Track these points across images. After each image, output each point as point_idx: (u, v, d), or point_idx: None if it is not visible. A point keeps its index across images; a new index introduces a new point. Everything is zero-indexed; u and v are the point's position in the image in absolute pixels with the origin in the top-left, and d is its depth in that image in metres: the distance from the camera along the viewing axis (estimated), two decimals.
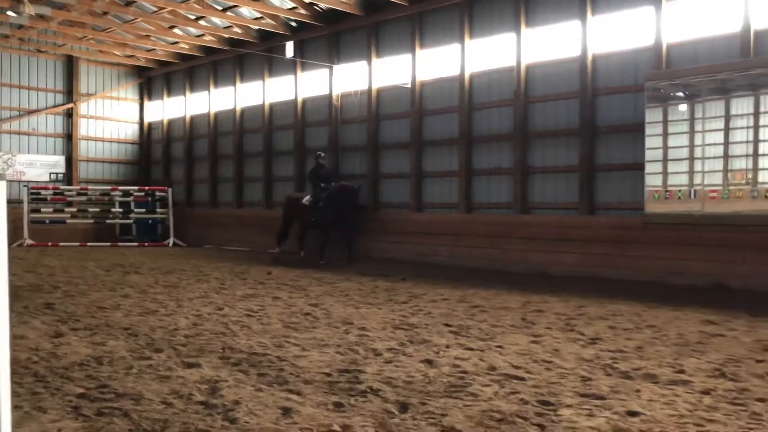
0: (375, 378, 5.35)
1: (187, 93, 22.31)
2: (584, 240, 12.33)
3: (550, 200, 13.41)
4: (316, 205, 15.08)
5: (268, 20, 17.49)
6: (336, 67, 17.34)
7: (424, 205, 15.64)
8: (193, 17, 18.04)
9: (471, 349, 6.48)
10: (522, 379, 5.40)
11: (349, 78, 17.23)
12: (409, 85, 15.67)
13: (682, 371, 5.65)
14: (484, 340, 6.93)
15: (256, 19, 17.70)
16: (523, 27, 13.50)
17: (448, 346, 6.57)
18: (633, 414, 4.51)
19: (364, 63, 16.71)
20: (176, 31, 19.45)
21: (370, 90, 16.55)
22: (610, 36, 12.45)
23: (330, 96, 17.51)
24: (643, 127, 11.59)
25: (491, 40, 14.24)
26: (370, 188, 16.58)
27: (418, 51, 15.47)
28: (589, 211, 12.62)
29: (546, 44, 13.38)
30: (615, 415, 4.50)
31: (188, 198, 22.55)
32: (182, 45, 20.59)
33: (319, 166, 15.95)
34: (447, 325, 7.72)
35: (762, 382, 5.34)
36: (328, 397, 4.86)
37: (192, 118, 22.39)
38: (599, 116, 12.59)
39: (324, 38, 17.58)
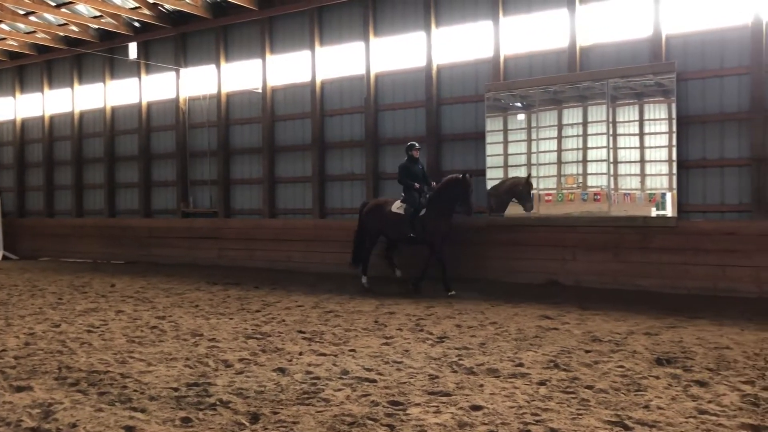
0: (225, 390, 5.24)
1: (17, 94, 20.58)
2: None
3: None
4: (416, 214, 11.08)
5: (109, 19, 16.56)
6: (183, 71, 16.76)
7: (278, 211, 15.51)
8: (22, 12, 16.66)
9: (324, 354, 6.52)
10: (373, 381, 5.51)
11: (197, 81, 16.72)
12: (260, 90, 15.48)
13: (521, 364, 6.03)
14: (338, 344, 6.99)
15: (95, 17, 16.69)
16: (371, 36, 13.78)
17: (301, 353, 6.56)
18: (476, 408, 4.75)
19: (212, 67, 16.29)
20: (3, 26, 17.88)
21: (219, 94, 16.16)
22: (453, 48, 13.02)
23: (177, 100, 16.89)
24: (483, 135, 12.23)
25: (341, 48, 14.41)
26: (221, 195, 16.18)
27: (268, 56, 15.31)
28: None
29: (394, 54, 13.74)
30: (460, 410, 4.71)
31: (20, 207, 20.79)
32: (10, 42, 18.95)
33: (411, 160, 11.47)
34: (300, 332, 7.70)
35: (590, 370, 5.82)
36: (176, 413, 4.68)
37: (23, 122, 20.68)
38: (444, 125, 13.12)
39: (170, 40, 16.94)
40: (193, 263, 15.98)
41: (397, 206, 11.37)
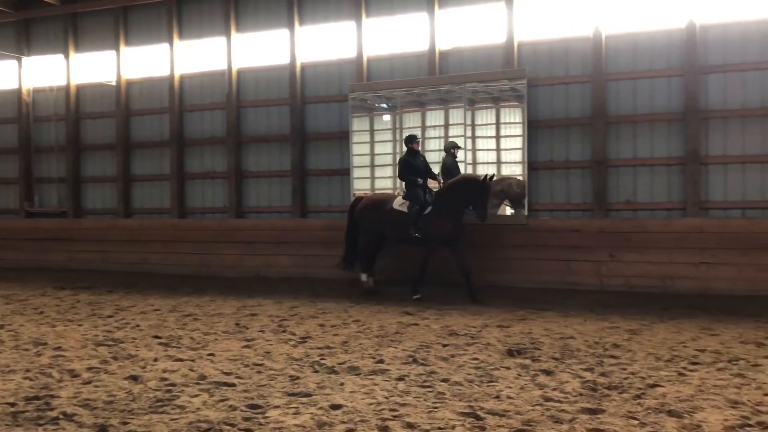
0: (70, 402, 4.91)
1: None
2: (298, 242, 12.70)
3: (264, 204, 13.57)
4: (420, 213, 10.18)
5: None
6: (26, 59, 15.52)
7: (134, 211, 14.77)
8: None
9: (181, 359, 6.29)
10: (232, 385, 5.39)
11: (43, 72, 15.55)
12: (114, 83, 14.66)
13: (381, 361, 6.12)
14: (196, 349, 6.77)
15: None
16: (233, 31, 13.47)
17: (156, 359, 6.28)
18: (336, 407, 4.77)
19: (61, 56, 15.22)
20: None
21: (68, 86, 15.12)
22: (317, 46, 12.99)
23: (20, 90, 15.62)
24: (348, 135, 12.32)
25: (202, 42, 13.95)
26: (70, 193, 15.16)
27: (123, 48, 14.54)
28: (301, 214, 13.05)
29: (257, 50, 13.50)
30: (320, 410, 4.70)
31: None
32: None
33: (412, 154, 10.49)
34: (156, 337, 7.38)
35: (447, 364, 6.01)
36: (11, 431, 4.32)
37: None
38: (309, 123, 13.08)
39: (11, 25, 15.63)
40: (40, 267, 14.83)
41: (399, 203, 10.42)
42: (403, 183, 10.60)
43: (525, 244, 11.05)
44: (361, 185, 12.33)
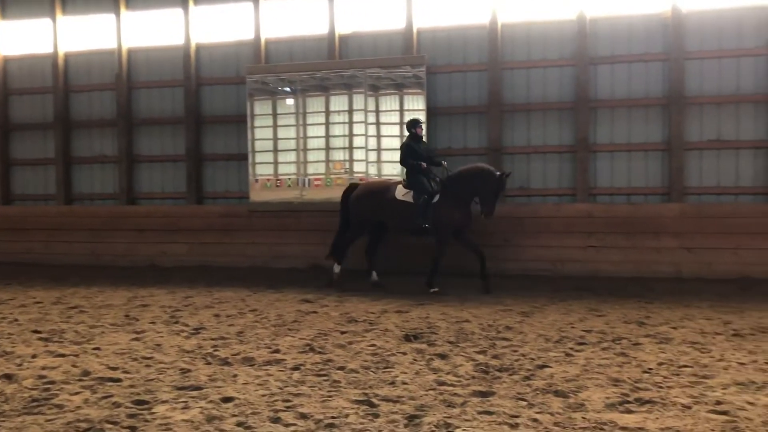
0: None
1: None
2: (193, 229, 12.29)
3: (158, 190, 13.02)
4: (429, 202, 9.51)
5: None
6: None
7: (14, 197, 13.83)
8: None
9: (63, 355, 5.93)
10: (118, 380, 5.13)
11: None
12: None
13: (277, 351, 6.00)
14: (80, 343, 6.40)
15: None
16: (123, 9, 12.79)
17: (34, 356, 5.89)
18: (228, 400, 4.62)
19: None
20: None
21: None
22: (213, 27, 12.54)
23: None
24: (246, 118, 11.99)
25: (89, 19, 13.16)
26: None
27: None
28: (197, 200, 12.63)
29: (149, 29, 12.88)
30: (210, 403, 4.54)
31: None
32: None
33: (415, 139, 9.83)
34: (36, 331, 6.93)
35: (344, 351, 5.97)
36: None
37: None
38: (204, 106, 12.65)
39: None
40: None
41: (402, 192, 9.73)
42: (405, 169, 9.87)
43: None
44: (262, 170, 12.06)
